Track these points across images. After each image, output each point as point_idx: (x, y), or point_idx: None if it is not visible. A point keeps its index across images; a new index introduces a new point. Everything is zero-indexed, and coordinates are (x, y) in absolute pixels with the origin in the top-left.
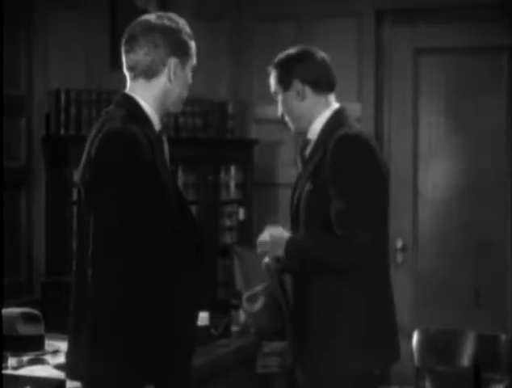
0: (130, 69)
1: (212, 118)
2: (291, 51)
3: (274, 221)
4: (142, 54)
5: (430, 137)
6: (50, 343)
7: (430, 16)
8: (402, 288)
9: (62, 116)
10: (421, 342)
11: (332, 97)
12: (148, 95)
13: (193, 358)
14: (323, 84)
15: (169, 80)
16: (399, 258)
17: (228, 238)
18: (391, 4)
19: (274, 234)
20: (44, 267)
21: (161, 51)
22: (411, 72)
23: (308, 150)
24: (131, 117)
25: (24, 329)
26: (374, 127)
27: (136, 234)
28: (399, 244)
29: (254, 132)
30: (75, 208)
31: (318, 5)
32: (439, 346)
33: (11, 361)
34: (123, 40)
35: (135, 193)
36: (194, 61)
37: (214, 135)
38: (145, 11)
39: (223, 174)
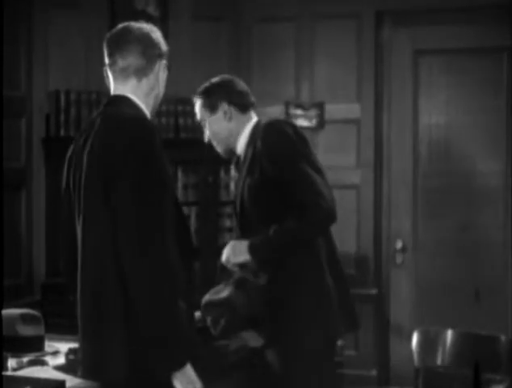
0: (122, 70)
1: None
2: (214, 80)
3: None
4: (136, 55)
5: (429, 137)
6: (50, 344)
7: (430, 17)
8: (402, 289)
9: (62, 117)
10: (420, 342)
11: (252, 113)
12: (140, 95)
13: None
14: (247, 103)
15: (157, 79)
16: (399, 258)
17: (228, 239)
18: (391, 5)
19: (234, 243)
20: (44, 269)
21: (153, 51)
22: (411, 73)
23: (241, 161)
24: (131, 110)
25: (24, 330)
26: (374, 128)
27: (164, 222)
28: (399, 245)
29: None
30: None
31: (318, 6)
32: (439, 346)
33: (11, 362)
34: (111, 43)
35: (160, 177)
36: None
37: None
38: (145, 12)
39: (222, 174)
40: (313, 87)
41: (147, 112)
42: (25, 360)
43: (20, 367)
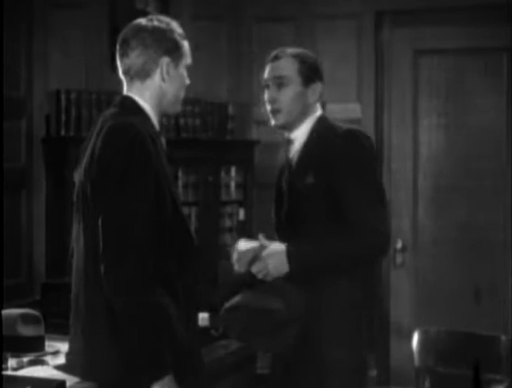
0: (125, 72)
1: (212, 119)
2: (304, 52)
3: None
4: (134, 56)
5: (429, 137)
6: (50, 344)
7: (430, 17)
8: (402, 289)
9: (62, 117)
10: (421, 342)
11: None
12: (146, 96)
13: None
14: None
15: (163, 79)
16: (399, 258)
17: (229, 239)
18: (390, 5)
19: (270, 248)
20: (44, 268)
21: (152, 51)
22: (410, 73)
23: (295, 149)
24: (132, 115)
25: (24, 330)
26: (374, 127)
27: (146, 229)
28: (399, 244)
29: (255, 133)
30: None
31: (318, 6)
32: (439, 346)
33: (11, 362)
34: (117, 46)
35: (144, 186)
36: (188, 60)
37: (214, 136)
38: (145, 12)
39: (223, 174)
40: None
41: (152, 115)
42: (25, 359)
43: (20, 367)
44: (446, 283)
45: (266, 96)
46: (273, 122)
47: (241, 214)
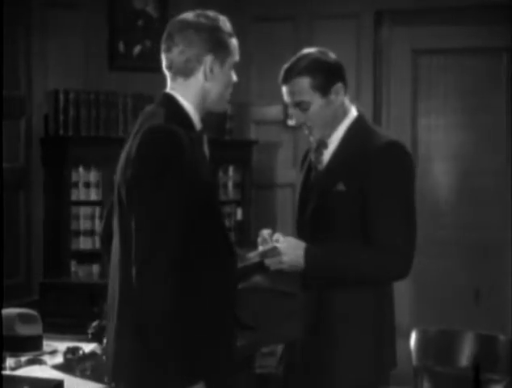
0: (168, 68)
1: (211, 119)
2: (312, 53)
3: (273, 222)
4: (177, 52)
5: (428, 137)
6: (48, 344)
7: (429, 17)
8: (400, 289)
9: (61, 117)
10: (419, 342)
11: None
12: (188, 94)
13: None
14: (347, 82)
15: (206, 78)
16: None
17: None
18: (389, 5)
19: (290, 242)
20: (43, 268)
21: (196, 48)
22: (409, 73)
23: (329, 152)
24: (172, 116)
25: (22, 329)
26: None
27: (179, 232)
28: None
29: (253, 133)
30: (74, 209)
31: (316, 6)
32: (438, 346)
33: (9, 362)
34: (162, 39)
35: (178, 190)
36: (235, 58)
37: (212, 136)
38: (144, 12)
39: (221, 174)
40: None
41: (193, 114)
42: (23, 359)
43: (18, 366)
44: (444, 283)
45: (293, 117)
46: (311, 139)
47: (239, 214)
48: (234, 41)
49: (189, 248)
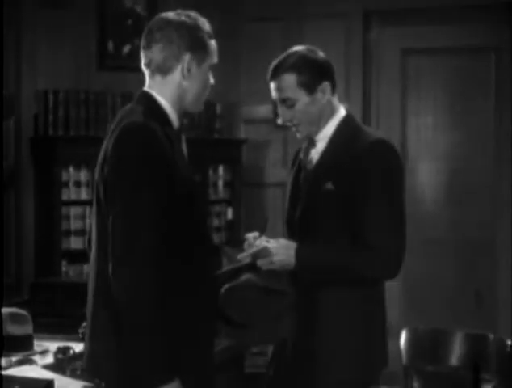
0: (146, 65)
1: (200, 118)
2: (300, 51)
3: (262, 221)
4: (157, 50)
5: (417, 137)
6: (39, 344)
7: (418, 17)
8: (390, 288)
9: (50, 117)
10: (409, 341)
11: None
12: (165, 92)
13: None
14: (335, 81)
15: (183, 76)
16: None
17: (217, 238)
18: (378, 5)
19: (280, 242)
20: (33, 268)
21: (175, 47)
22: (399, 72)
23: (317, 151)
24: (149, 113)
25: (13, 329)
26: None
27: (157, 230)
28: None
29: (242, 132)
30: (64, 209)
31: (306, 6)
32: (428, 345)
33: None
34: (142, 37)
35: (156, 187)
36: (214, 59)
37: (202, 135)
38: (133, 11)
39: (211, 173)
40: None
41: (171, 112)
42: (14, 359)
43: (9, 366)
44: (434, 282)
45: (280, 114)
46: (298, 135)
47: (229, 213)
48: (213, 43)
49: (167, 246)
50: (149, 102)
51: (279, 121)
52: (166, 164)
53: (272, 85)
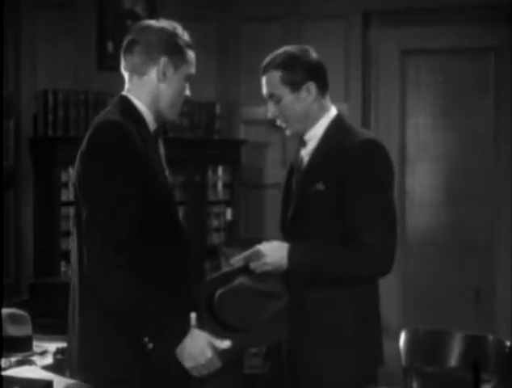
0: (125, 68)
1: (200, 119)
2: (289, 49)
3: (262, 222)
4: (135, 53)
5: (417, 138)
6: (38, 344)
7: (417, 18)
8: (389, 289)
9: (50, 117)
10: (408, 342)
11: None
12: (142, 94)
13: None
14: (328, 83)
15: (159, 79)
16: None
17: (216, 239)
18: (378, 5)
19: (272, 244)
20: (32, 268)
21: (153, 49)
22: (398, 73)
23: (308, 151)
24: (125, 115)
25: (12, 330)
26: (361, 127)
27: (130, 221)
28: None
29: (242, 132)
30: (63, 209)
31: (305, 6)
32: (427, 346)
33: None
34: (124, 43)
35: (127, 181)
36: (190, 69)
37: (201, 135)
38: (133, 12)
39: (210, 174)
40: None
41: (147, 114)
42: (13, 359)
43: (8, 367)
44: (433, 284)
45: (268, 109)
46: (287, 133)
47: (229, 214)
48: (192, 53)
49: (139, 240)
50: (125, 104)
51: (269, 115)
52: (137, 159)
53: (262, 81)
